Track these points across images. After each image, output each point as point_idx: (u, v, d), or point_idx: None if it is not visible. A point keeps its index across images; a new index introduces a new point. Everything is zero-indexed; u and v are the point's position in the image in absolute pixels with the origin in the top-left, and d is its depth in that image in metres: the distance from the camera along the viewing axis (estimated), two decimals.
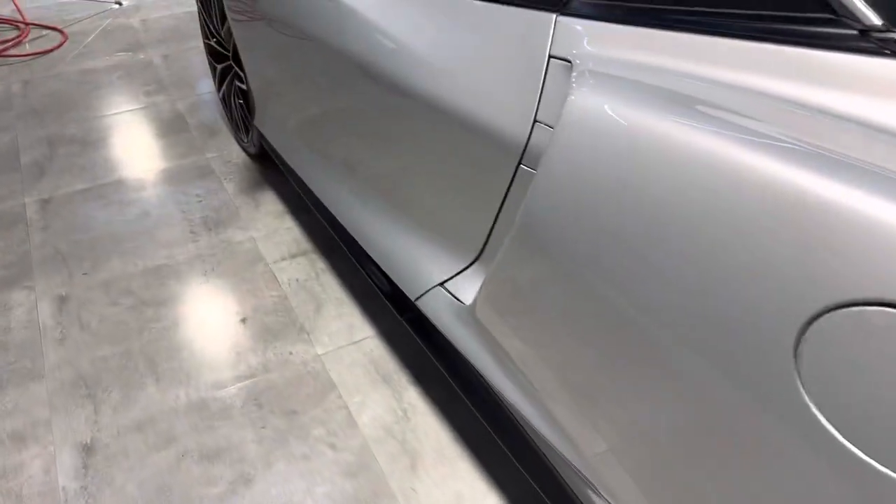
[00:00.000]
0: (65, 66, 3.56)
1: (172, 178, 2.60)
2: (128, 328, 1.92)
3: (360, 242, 1.74)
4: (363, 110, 1.60)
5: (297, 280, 2.10)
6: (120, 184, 2.56)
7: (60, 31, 3.98)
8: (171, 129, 2.93)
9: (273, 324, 1.94)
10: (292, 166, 2.17)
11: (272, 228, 2.32)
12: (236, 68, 2.47)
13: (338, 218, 1.87)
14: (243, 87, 2.43)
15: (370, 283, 1.77)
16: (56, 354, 1.85)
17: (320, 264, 2.16)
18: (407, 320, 1.62)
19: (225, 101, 2.78)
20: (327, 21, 1.64)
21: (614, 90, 0.98)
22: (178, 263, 2.17)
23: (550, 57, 1.14)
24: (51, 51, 3.74)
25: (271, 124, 2.27)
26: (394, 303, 1.67)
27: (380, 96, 1.49)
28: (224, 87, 2.72)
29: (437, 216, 1.47)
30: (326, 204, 1.94)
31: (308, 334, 1.90)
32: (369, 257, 1.71)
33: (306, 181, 2.07)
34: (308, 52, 1.78)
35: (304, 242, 2.26)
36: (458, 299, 1.42)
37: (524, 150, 1.17)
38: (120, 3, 4.42)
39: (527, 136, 1.16)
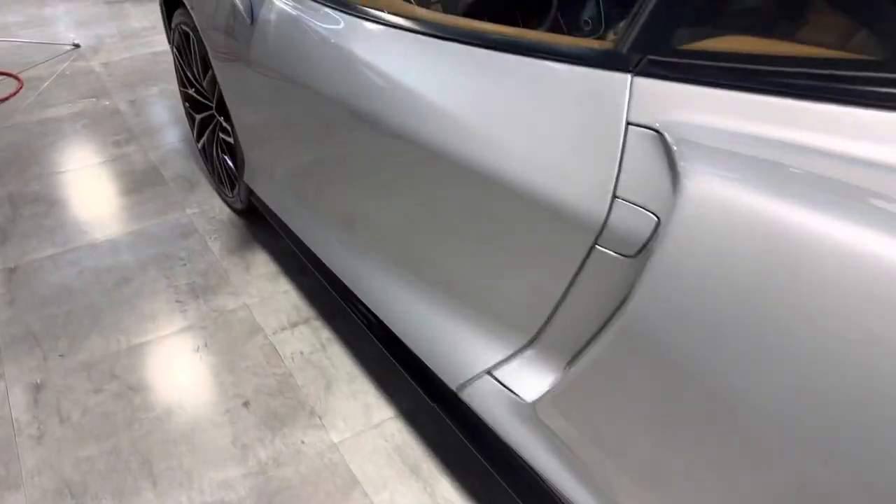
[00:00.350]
0: (22, 116, 3.32)
1: (152, 238, 2.39)
2: (115, 420, 1.71)
3: (382, 317, 1.56)
4: (387, 173, 1.43)
5: (302, 353, 1.90)
6: (94, 247, 2.34)
7: (15, 77, 3.74)
8: (146, 182, 2.72)
9: (279, 407, 1.74)
10: (290, 226, 1.98)
11: (267, 293, 2.13)
12: (221, 120, 2.28)
13: (351, 287, 1.69)
14: (229, 139, 2.24)
15: (386, 355, 1.60)
16: (34, 456, 1.62)
17: (325, 333, 1.97)
18: (441, 407, 1.44)
19: (205, 153, 2.58)
20: (341, 77, 1.47)
21: (734, 170, 0.84)
22: (166, 339, 1.96)
23: (629, 124, 0.99)
24: (5, 99, 3.50)
25: (264, 181, 2.09)
26: (421, 382, 1.49)
27: (409, 161, 1.32)
28: (205, 138, 2.52)
29: (484, 293, 1.31)
30: (333, 268, 1.76)
31: (320, 418, 1.71)
32: (382, 325, 1.55)
33: (307, 242, 1.90)
34: (315, 108, 1.61)
35: (304, 308, 2.07)
36: (510, 390, 1.26)
37: (601, 230, 1.02)
38: (77, 45, 4.19)
39: (604, 215, 1.01)
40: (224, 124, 2.26)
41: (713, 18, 1.05)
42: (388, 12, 1.48)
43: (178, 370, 1.85)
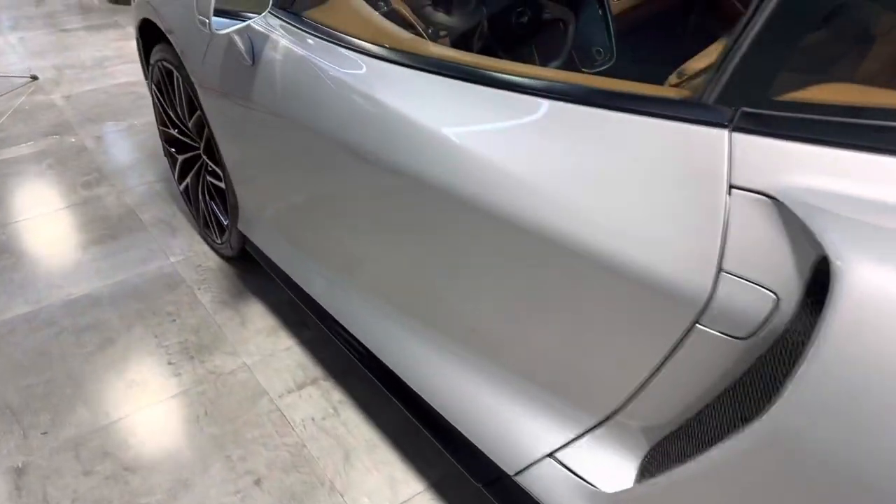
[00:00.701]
0: None
1: (135, 291, 2.20)
2: None
3: (416, 388, 1.42)
4: (423, 233, 1.30)
5: (314, 419, 1.74)
6: (71, 304, 2.14)
7: None
8: (123, 228, 2.53)
9: (295, 484, 1.58)
10: (294, 279, 1.83)
11: (267, 351, 1.96)
12: (209, 163, 2.11)
13: (374, 350, 1.54)
14: (219, 184, 2.07)
15: (408, 418, 1.47)
16: None
17: (336, 395, 1.82)
18: (491, 491, 1.30)
19: (189, 196, 2.41)
20: (361, 125, 1.33)
21: (887, 245, 0.73)
22: (161, 408, 1.78)
23: (732, 187, 0.87)
24: None
25: (262, 230, 1.93)
26: (462, 458, 1.35)
27: (454, 222, 1.19)
28: (188, 180, 2.35)
29: (548, 365, 1.17)
30: (352, 328, 1.61)
31: (341, 496, 1.55)
32: (399, 383, 1.42)
33: (317, 297, 1.74)
34: (328, 157, 1.46)
35: (310, 367, 1.91)
36: (580, 477, 1.12)
37: (704, 308, 0.90)
38: (35, 77, 3.96)
39: (708, 291, 0.89)
40: (213, 167, 2.09)
41: (819, 65, 0.94)
42: (416, 54, 1.35)
43: (177, 444, 1.68)
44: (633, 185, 0.95)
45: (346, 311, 1.68)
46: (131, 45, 4.45)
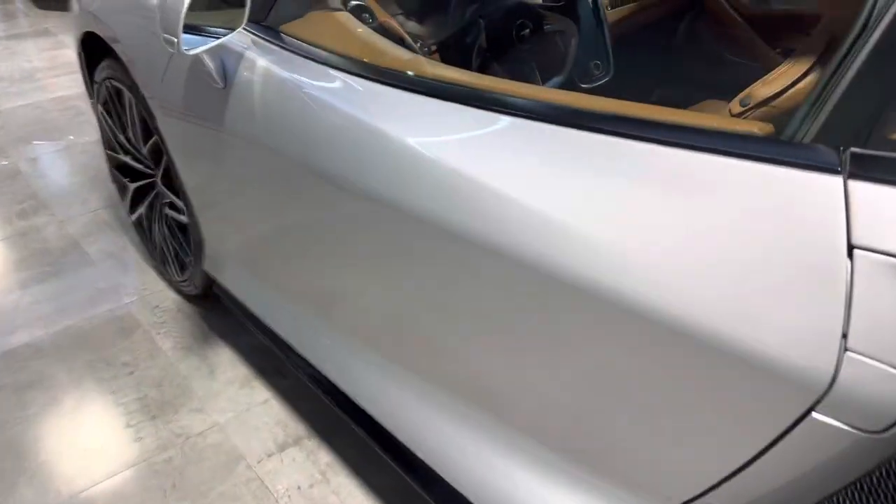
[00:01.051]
0: None
1: (84, 339, 1.95)
2: None
3: (431, 463, 1.23)
4: (424, 274, 1.12)
5: (299, 488, 1.54)
6: (9, 356, 1.88)
7: None
8: (67, 264, 2.26)
9: None
10: (271, 325, 1.62)
11: (242, 406, 1.74)
12: (168, 194, 1.88)
13: (364, 406, 1.36)
14: (181, 218, 1.84)
15: (409, 484, 1.29)
16: None
17: (324, 456, 1.61)
18: None
19: (142, 227, 2.16)
20: (359, 157, 1.15)
21: None
22: (121, 481, 1.54)
23: (853, 248, 0.72)
24: None
25: (234, 272, 1.71)
26: None
27: (484, 274, 1.01)
28: (142, 210, 2.10)
29: (596, 443, 1.00)
30: (334, 378, 1.43)
31: None
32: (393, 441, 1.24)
33: (296, 345, 1.54)
34: (318, 192, 1.27)
35: (291, 423, 1.70)
36: None
37: (824, 394, 0.74)
38: None
39: (830, 375, 0.73)
40: (173, 199, 1.86)
41: None
42: (414, 74, 1.17)
43: None
44: (724, 243, 0.79)
45: (329, 359, 1.48)
46: (66, 55, 4.12)
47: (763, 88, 1.00)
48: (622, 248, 0.83)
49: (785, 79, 0.98)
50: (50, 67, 3.96)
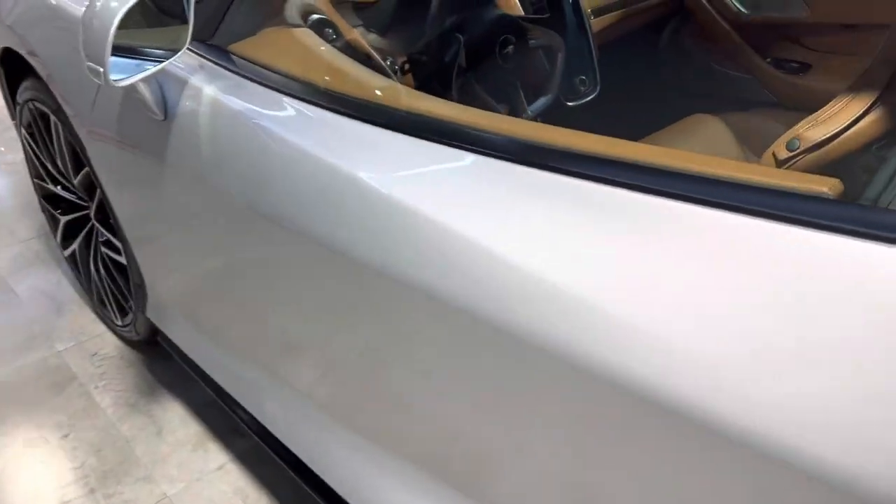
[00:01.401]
0: None
1: (11, 395, 1.71)
2: None
3: None
4: (394, 339, 0.94)
5: None
6: None
7: None
8: None
9: None
10: (222, 385, 1.42)
11: (194, 473, 1.54)
12: (103, 231, 1.66)
13: (326, 478, 1.18)
14: (119, 259, 1.62)
15: None
16: None
17: None
18: None
19: (76, 264, 1.93)
20: (321, 203, 0.96)
21: None
22: None
23: None
24: None
25: (178, 322, 1.51)
26: None
27: (482, 351, 0.83)
28: (75, 246, 1.87)
29: None
30: (291, 446, 1.25)
31: None
32: None
33: (251, 408, 1.35)
34: (274, 241, 1.09)
35: (252, 492, 1.50)
36: None
37: None
38: None
39: None
40: (109, 237, 1.64)
41: None
42: (400, 109, 0.99)
43: None
44: (789, 334, 0.62)
45: (281, 419, 1.30)
46: None
47: (814, 130, 0.84)
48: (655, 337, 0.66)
49: (840, 119, 0.83)
50: None
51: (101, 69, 0.98)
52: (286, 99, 1.07)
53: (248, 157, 1.07)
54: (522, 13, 1.56)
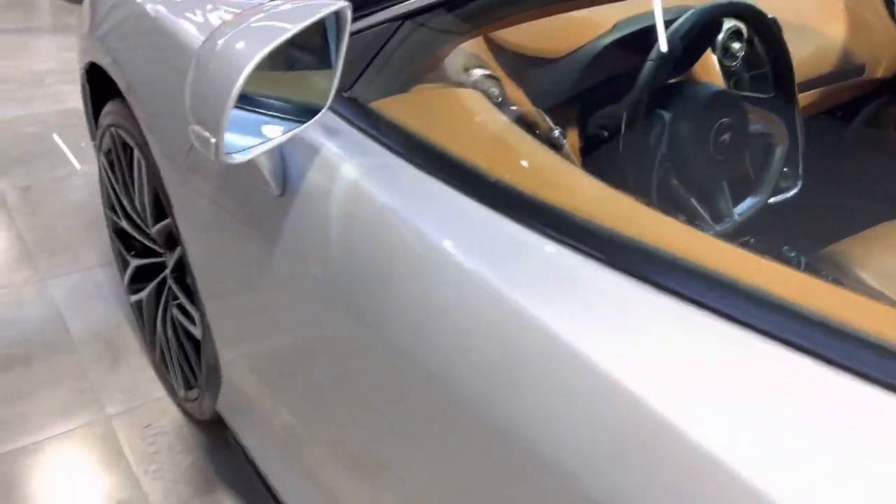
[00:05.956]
0: None
1: (51, 471, 1.43)
2: None
3: None
4: None
5: None
6: None
7: None
8: (42, 346, 1.75)
9: None
10: None
11: None
12: (179, 294, 1.37)
13: None
14: (193, 331, 1.33)
15: None
16: None
17: None
18: None
19: (141, 313, 1.65)
20: (523, 389, 0.64)
21: None
22: None
23: None
24: None
25: (253, 425, 1.21)
26: None
27: None
28: (143, 296, 1.59)
29: None
30: None
31: None
32: None
33: None
34: (403, 375, 0.76)
35: None
36: None
37: None
38: None
39: None
40: (185, 302, 1.35)
41: None
42: (653, 249, 0.66)
43: None
44: None
45: None
46: None
47: None
48: None
49: None
50: (64, 71, 3.47)
51: (214, 140, 0.68)
52: (456, 196, 0.76)
53: (391, 270, 0.76)
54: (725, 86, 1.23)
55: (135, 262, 1.59)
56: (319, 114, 0.79)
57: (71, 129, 2.89)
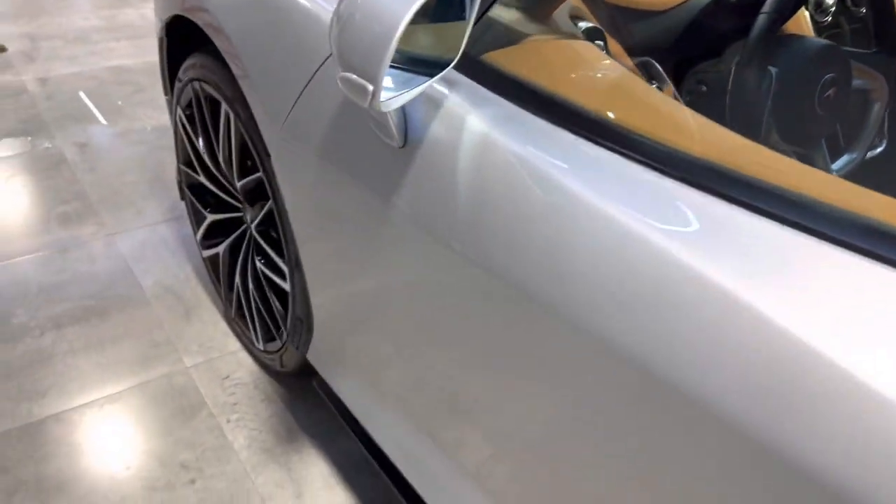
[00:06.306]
0: None
1: (135, 420, 1.48)
2: None
3: None
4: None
5: None
6: (32, 433, 1.41)
7: None
8: (115, 299, 1.79)
9: None
10: (396, 462, 1.14)
11: None
12: (266, 247, 1.39)
13: None
14: (281, 284, 1.35)
15: None
16: None
17: None
18: None
19: (216, 267, 1.68)
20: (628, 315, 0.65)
21: None
22: None
23: None
24: None
25: (347, 378, 1.23)
26: None
27: None
28: (220, 251, 1.62)
29: None
30: None
31: None
32: None
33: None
34: (545, 340, 0.78)
35: None
36: None
37: None
38: (3, 49, 3.15)
39: None
40: (272, 255, 1.37)
41: None
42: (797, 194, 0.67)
43: None
44: None
45: None
46: (127, 15, 3.64)
47: None
48: None
49: None
50: (108, 28, 3.48)
51: (371, 88, 0.69)
52: (588, 147, 0.77)
53: (522, 216, 0.77)
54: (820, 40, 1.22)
55: (211, 217, 1.61)
56: (452, 63, 0.79)
57: (120, 85, 2.90)
